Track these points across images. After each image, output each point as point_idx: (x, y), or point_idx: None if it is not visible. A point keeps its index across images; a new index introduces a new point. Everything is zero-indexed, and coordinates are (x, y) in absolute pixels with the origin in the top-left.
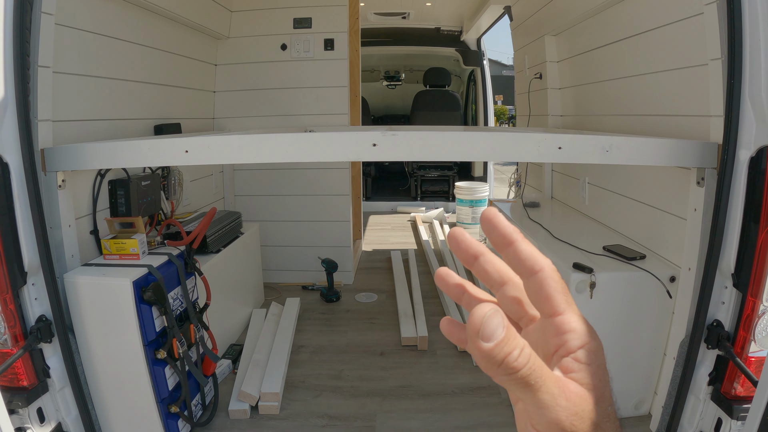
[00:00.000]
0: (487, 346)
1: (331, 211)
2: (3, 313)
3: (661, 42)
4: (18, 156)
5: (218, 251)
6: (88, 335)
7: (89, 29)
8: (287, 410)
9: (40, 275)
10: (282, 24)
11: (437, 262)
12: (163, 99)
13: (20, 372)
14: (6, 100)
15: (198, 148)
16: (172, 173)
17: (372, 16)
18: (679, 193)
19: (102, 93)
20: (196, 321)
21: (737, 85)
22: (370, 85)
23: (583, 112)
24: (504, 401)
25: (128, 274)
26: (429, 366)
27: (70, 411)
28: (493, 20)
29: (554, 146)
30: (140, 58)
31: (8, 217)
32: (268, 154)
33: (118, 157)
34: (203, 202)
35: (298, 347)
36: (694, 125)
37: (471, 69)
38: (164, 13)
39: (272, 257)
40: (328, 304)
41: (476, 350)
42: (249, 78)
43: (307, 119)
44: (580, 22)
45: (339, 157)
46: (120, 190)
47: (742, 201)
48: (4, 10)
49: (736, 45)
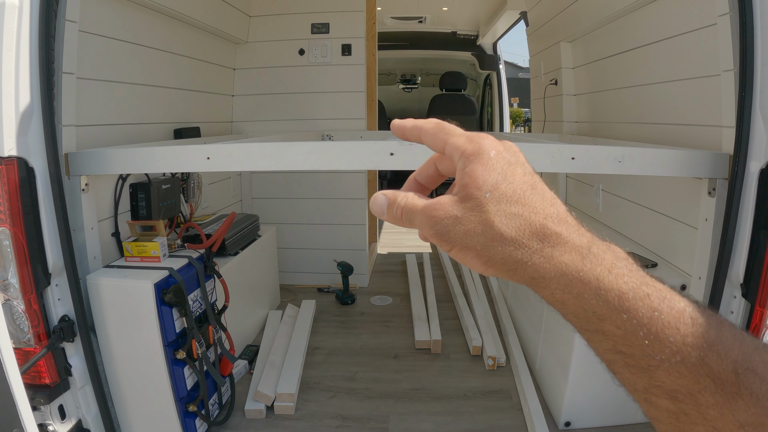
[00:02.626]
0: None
1: (347, 214)
2: (27, 312)
3: (675, 51)
4: (43, 160)
5: (236, 253)
6: (109, 335)
7: (111, 35)
8: (302, 411)
9: (63, 276)
10: (300, 29)
11: (451, 266)
12: (182, 103)
13: (43, 370)
14: (32, 106)
15: (219, 155)
16: (192, 176)
17: (389, 21)
18: (692, 202)
19: (123, 98)
20: (215, 322)
21: (748, 97)
22: (387, 88)
23: (597, 119)
24: (515, 405)
25: (149, 276)
26: (442, 369)
27: (90, 408)
28: (509, 25)
29: (567, 157)
30: (161, 63)
31: (33, 220)
32: (288, 162)
33: (140, 162)
34: (221, 205)
35: (313, 349)
36: (706, 135)
37: (487, 73)
38: (184, 18)
39: (289, 259)
40: (344, 306)
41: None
42: (267, 82)
43: (324, 123)
44: (595, 29)
45: (357, 166)
46: (141, 194)
47: (752, 212)
48: (30, 18)
49: (748, 57)
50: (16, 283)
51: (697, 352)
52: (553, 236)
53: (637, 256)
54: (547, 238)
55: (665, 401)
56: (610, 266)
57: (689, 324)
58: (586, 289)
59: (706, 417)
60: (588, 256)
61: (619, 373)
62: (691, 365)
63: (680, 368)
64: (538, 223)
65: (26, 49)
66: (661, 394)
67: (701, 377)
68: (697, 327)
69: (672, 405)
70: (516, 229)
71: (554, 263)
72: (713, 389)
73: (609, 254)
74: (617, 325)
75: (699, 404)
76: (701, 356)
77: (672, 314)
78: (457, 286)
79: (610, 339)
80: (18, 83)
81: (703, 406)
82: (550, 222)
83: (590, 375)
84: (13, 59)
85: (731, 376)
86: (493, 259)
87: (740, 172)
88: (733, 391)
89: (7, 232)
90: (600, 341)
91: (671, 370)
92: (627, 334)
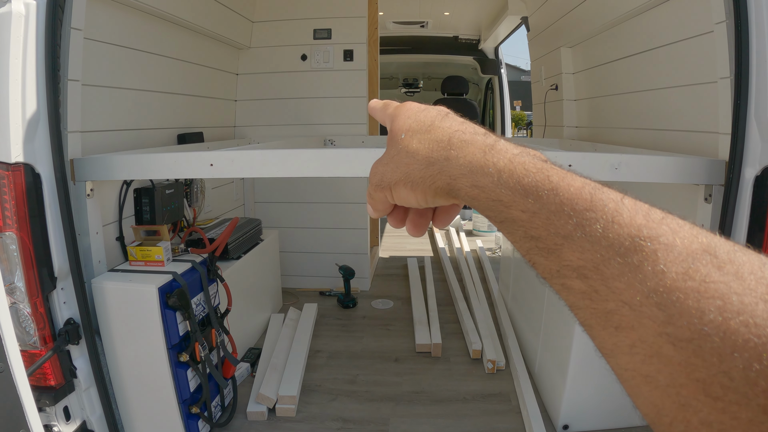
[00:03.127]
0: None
1: (348, 218)
2: (33, 315)
3: (673, 58)
4: (49, 166)
5: (239, 257)
6: (113, 338)
7: (115, 42)
8: (303, 413)
9: (69, 280)
10: (302, 35)
11: (453, 269)
12: (186, 108)
13: (48, 372)
14: (38, 113)
15: (222, 162)
16: (195, 181)
17: (391, 25)
18: (688, 208)
19: (127, 103)
20: (218, 326)
21: (743, 105)
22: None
23: (597, 124)
24: (514, 408)
25: (153, 280)
26: (442, 372)
27: (94, 410)
28: (510, 30)
29: (564, 164)
30: (164, 69)
31: (39, 225)
32: (290, 169)
33: (144, 168)
34: (224, 209)
35: (314, 352)
36: (703, 141)
37: (489, 77)
38: (188, 25)
39: (291, 263)
40: (345, 310)
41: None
42: (269, 87)
43: (326, 128)
44: (595, 35)
45: (358, 173)
46: (145, 198)
47: (747, 218)
48: (36, 27)
49: (743, 65)
50: (22, 286)
51: (597, 224)
52: (458, 143)
53: None
54: (454, 146)
55: (577, 282)
56: (511, 156)
57: (588, 199)
58: (489, 180)
59: (614, 290)
60: (491, 152)
61: (536, 262)
62: (594, 239)
63: (583, 243)
64: (446, 137)
65: (33, 56)
66: (571, 274)
67: (603, 249)
68: (596, 201)
69: (583, 284)
70: (427, 147)
71: (461, 162)
72: (617, 260)
73: (515, 149)
74: (522, 209)
75: (605, 277)
76: (602, 228)
77: (570, 191)
78: (458, 289)
79: (520, 226)
80: (25, 91)
81: (609, 279)
82: (458, 134)
83: (588, 378)
84: (20, 67)
85: (634, 244)
86: (416, 181)
87: (735, 179)
88: (637, 259)
89: (13, 237)
90: (513, 230)
91: (575, 246)
92: (532, 217)
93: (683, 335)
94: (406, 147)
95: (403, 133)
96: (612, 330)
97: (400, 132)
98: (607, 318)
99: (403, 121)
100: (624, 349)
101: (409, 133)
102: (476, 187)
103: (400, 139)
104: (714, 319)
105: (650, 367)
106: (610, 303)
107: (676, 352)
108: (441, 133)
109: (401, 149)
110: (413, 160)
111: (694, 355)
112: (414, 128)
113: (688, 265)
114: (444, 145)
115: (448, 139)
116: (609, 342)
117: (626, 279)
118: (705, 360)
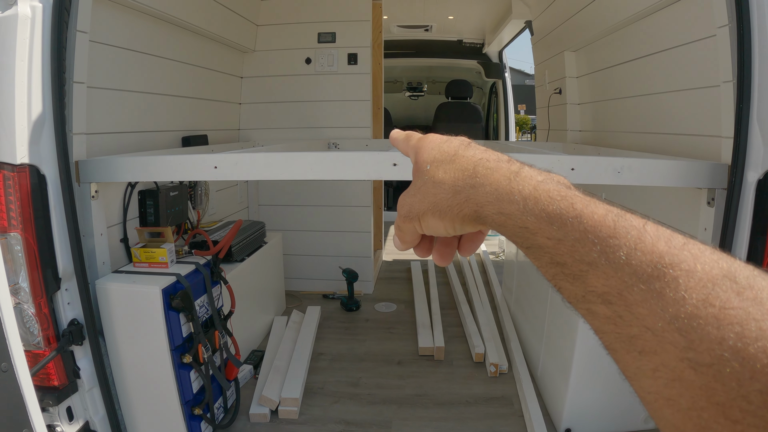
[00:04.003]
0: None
1: (352, 221)
2: (37, 316)
3: (676, 62)
4: (54, 168)
5: (243, 260)
6: (117, 339)
7: (121, 45)
8: (306, 415)
9: (73, 281)
10: (307, 38)
11: (456, 273)
12: (190, 111)
13: (52, 372)
14: (44, 115)
15: (227, 165)
16: (199, 184)
17: (395, 29)
18: (691, 211)
19: (132, 106)
20: (221, 327)
21: (746, 108)
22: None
23: (601, 128)
24: (517, 412)
25: (157, 281)
26: (445, 376)
27: (97, 410)
28: (514, 34)
29: (567, 167)
30: (169, 72)
31: (44, 226)
32: (294, 172)
33: (149, 170)
34: (228, 212)
35: (317, 354)
36: (706, 145)
37: (493, 81)
38: (192, 28)
39: (294, 266)
40: (348, 313)
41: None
42: (274, 90)
43: (330, 132)
44: (599, 39)
45: (361, 176)
46: (149, 200)
47: (749, 222)
48: (42, 29)
49: (746, 68)
50: (26, 287)
51: (620, 252)
52: (483, 171)
53: None
54: (479, 174)
55: (601, 307)
56: (536, 184)
57: (611, 226)
58: (515, 207)
59: (637, 316)
60: (516, 179)
61: (562, 287)
62: (617, 266)
63: (607, 270)
64: (471, 165)
65: (38, 59)
66: (596, 299)
67: (626, 275)
68: (619, 229)
69: (607, 310)
70: (453, 176)
71: (487, 190)
72: (640, 286)
73: (539, 176)
74: (547, 236)
75: (629, 303)
76: (625, 255)
77: (594, 218)
78: (461, 293)
79: (545, 252)
80: (30, 92)
81: (633, 305)
82: (482, 162)
83: (591, 382)
84: (26, 69)
85: (656, 271)
86: (444, 209)
87: (738, 183)
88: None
89: (18, 238)
90: (539, 256)
91: (599, 273)
92: (557, 244)
93: (704, 360)
94: (433, 177)
95: (428, 164)
96: (635, 354)
97: (425, 163)
98: (631, 343)
99: (428, 153)
100: (647, 373)
101: (434, 164)
102: (502, 214)
103: (425, 170)
104: (733, 345)
105: (672, 390)
106: (633, 328)
107: (697, 377)
108: (466, 162)
109: (427, 180)
110: (440, 189)
111: (714, 379)
112: (439, 159)
113: (708, 292)
114: (469, 173)
115: (473, 168)
116: (632, 366)
117: (649, 305)
118: (725, 384)
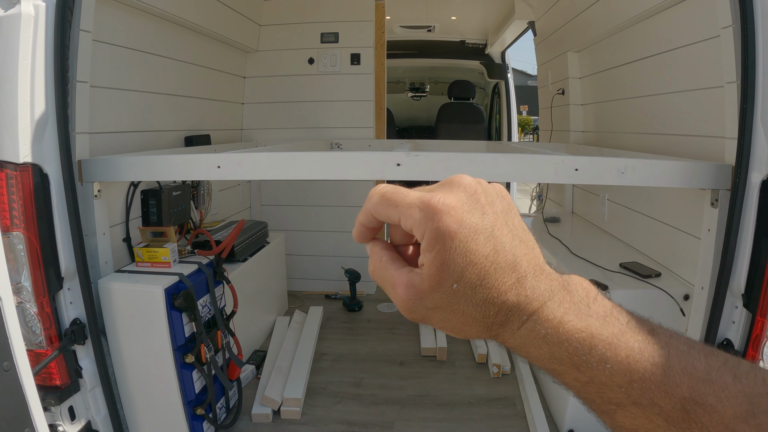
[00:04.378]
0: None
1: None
2: (39, 315)
3: (680, 62)
4: (57, 167)
5: (245, 260)
6: (119, 338)
7: (124, 45)
8: (308, 416)
9: (75, 280)
10: (309, 38)
11: None
12: (193, 111)
13: (54, 372)
14: (47, 114)
15: (230, 164)
16: (202, 183)
17: (398, 29)
18: (695, 212)
19: (135, 105)
20: (224, 327)
21: (750, 109)
22: (395, 96)
23: (603, 128)
24: (519, 413)
25: (160, 281)
26: (447, 376)
27: (99, 410)
28: (517, 34)
29: (571, 168)
30: (172, 72)
31: (47, 225)
32: (297, 172)
33: (152, 170)
34: (231, 212)
35: (320, 355)
36: (710, 146)
37: (495, 82)
38: (196, 28)
39: (297, 266)
40: (350, 313)
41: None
42: (277, 90)
43: (333, 132)
44: (602, 39)
45: (364, 176)
46: (152, 200)
47: (753, 223)
48: (45, 29)
49: (749, 69)
50: (29, 286)
51: (647, 395)
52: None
53: (642, 265)
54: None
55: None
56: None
57: (637, 369)
58: (540, 353)
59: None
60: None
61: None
62: (643, 407)
63: (634, 410)
64: (500, 302)
65: (42, 58)
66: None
67: (653, 416)
68: (644, 371)
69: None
70: (483, 313)
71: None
72: (666, 426)
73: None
74: (574, 378)
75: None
76: (650, 398)
77: (618, 361)
78: None
79: (572, 388)
80: (33, 92)
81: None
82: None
83: None
84: (29, 68)
85: (681, 413)
86: (468, 334)
87: (742, 184)
88: (684, 426)
89: (21, 237)
90: (567, 389)
91: (626, 413)
92: (583, 386)
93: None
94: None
95: (455, 283)
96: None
97: (452, 278)
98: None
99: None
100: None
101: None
102: (529, 357)
103: (452, 290)
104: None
105: None
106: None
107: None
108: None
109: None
110: (470, 322)
111: None
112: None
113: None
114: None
115: (503, 305)
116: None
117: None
118: None
